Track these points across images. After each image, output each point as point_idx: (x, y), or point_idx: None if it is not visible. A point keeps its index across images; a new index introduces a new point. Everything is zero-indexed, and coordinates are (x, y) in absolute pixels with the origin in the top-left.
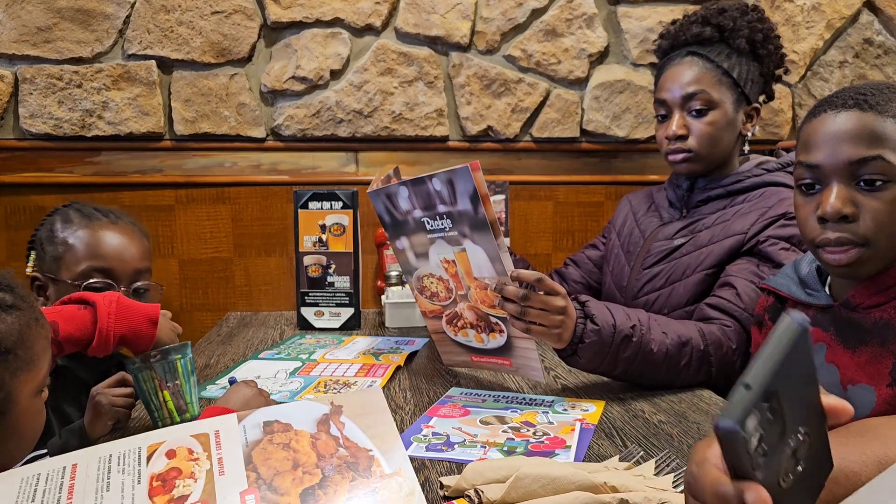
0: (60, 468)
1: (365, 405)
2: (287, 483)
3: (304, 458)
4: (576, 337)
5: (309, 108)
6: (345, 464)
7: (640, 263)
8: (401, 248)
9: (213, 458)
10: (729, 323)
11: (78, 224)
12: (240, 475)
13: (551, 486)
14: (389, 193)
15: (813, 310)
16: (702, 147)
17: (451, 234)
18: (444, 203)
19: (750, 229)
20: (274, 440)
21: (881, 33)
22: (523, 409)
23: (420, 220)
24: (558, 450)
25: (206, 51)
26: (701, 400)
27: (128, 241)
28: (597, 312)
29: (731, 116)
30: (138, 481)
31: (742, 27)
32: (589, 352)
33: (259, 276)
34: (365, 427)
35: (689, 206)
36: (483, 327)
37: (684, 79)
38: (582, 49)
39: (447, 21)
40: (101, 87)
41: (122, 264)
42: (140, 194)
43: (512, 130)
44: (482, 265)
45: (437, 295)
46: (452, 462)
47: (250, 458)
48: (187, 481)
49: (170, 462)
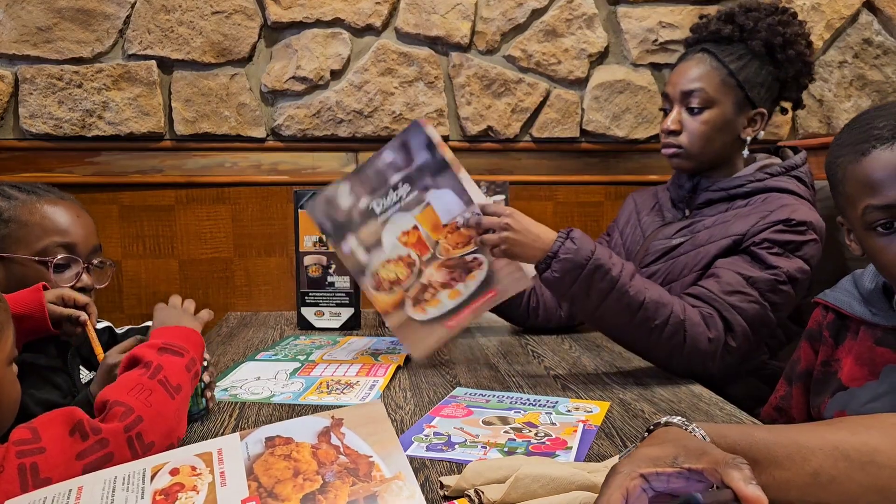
0: (66, 491)
1: (365, 417)
2: (288, 489)
3: (305, 466)
4: (551, 251)
5: (309, 108)
6: (345, 470)
7: (639, 262)
8: (348, 252)
9: (215, 471)
10: (709, 311)
11: (24, 200)
12: (241, 485)
13: (551, 486)
14: (328, 197)
15: (881, 329)
16: (692, 145)
17: (410, 198)
18: (399, 169)
19: (748, 231)
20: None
21: (880, 33)
22: (527, 409)
23: (368, 209)
24: (559, 451)
25: (206, 51)
26: (700, 400)
27: (84, 216)
28: (578, 237)
29: (728, 118)
30: (142, 496)
31: (761, 29)
32: (561, 267)
33: (259, 276)
34: (365, 436)
35: (691, 206)
36: (459, 276)
37: (688, 75)
38: (582, 49)
39: (447, 21)
40: (102, 87)
41: (85, 239)
42: (140, 194)
43: (512, 130)
44: (451, 205)
45: (398, 280)
46: (452, 462)
47: (252, 470)
48: (189, 493)
49: (173, 478)
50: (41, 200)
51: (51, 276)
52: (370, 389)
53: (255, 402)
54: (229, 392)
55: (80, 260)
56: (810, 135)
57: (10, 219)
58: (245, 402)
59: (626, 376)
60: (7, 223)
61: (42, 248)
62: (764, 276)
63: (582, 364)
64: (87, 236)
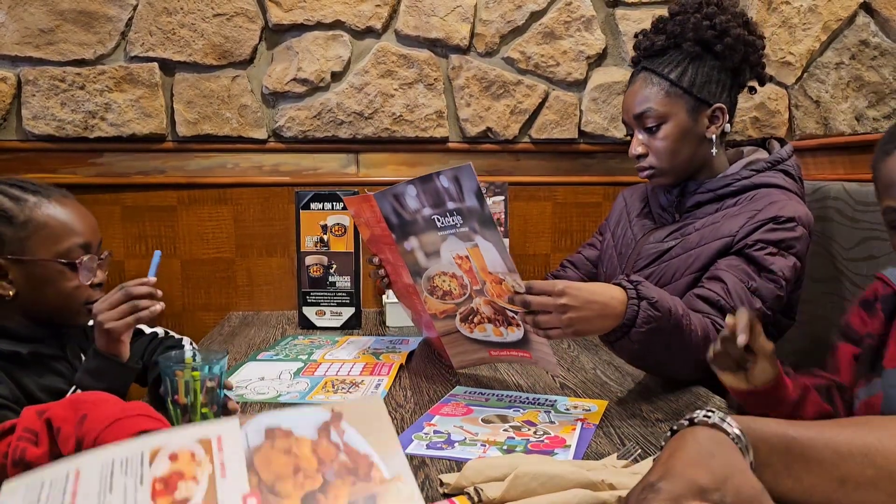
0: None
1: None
2: (288, 487)
3: (306, 462)
4: (627, 320)
5: (310, 109)
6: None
7: (631, 266)
8: (409, 249)
9: (215, 461)
10: (718, 318)
11: (36, 203)
12: (241, 478)
13: (550, 484)
14: (396, 193)
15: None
16: (661, 162)
17: (463, 230)
18: (453, 200)
19: (738, 232)
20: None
21: (877, 35)
22: (526, 408)
23: (430, 218)
24: (558, 449)
25: (207, 53)
26: (698, 398)
27: (88, 212)
28: (655, 296)
29: (686, 126)
30: (140, 483)
31: (689, 30)
32: (641, 338)
33: (261, 276)
34: (365, 433)
35: (680, 210)
36: (501, 321)
37: (635, 99)
38: (580, 51)
39: (447, 24)
40: (104, 88)
41: (95, 236)
42: (142, 195)
43: (511, 132)
44: (494, 260)
45: (451, 293)
46: (452, 460)
47: (252, 463)
48: (189, 484)
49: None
50: (51, 200)
51: (77, 276)
52: (375, 388)
53: (262, 402)
54: (235, 392)
55: (96, 257)
56: (807, 136)
57: (26, 221)
58: (252, 402)
59: (624, 375)
60: (24, 226)
61: (65, 250)
62: (765, 285)
63: (581, 363)
64: (95, 232)
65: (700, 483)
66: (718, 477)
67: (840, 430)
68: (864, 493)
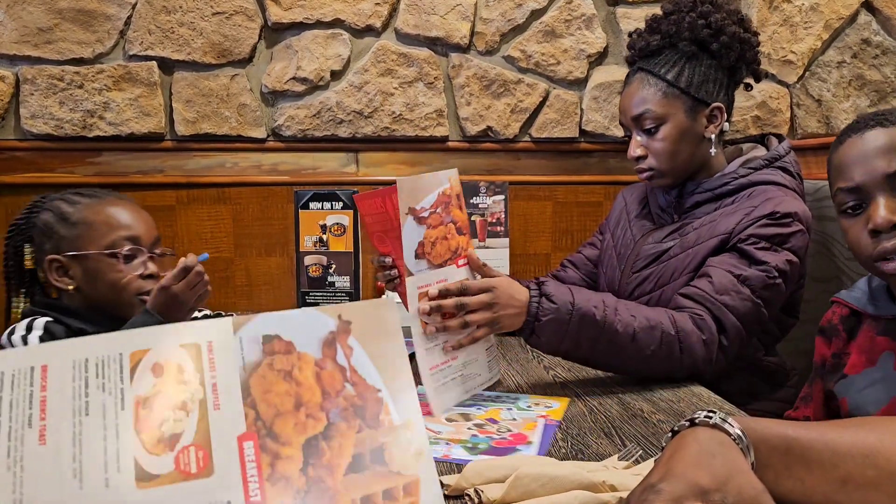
0: (27, 368)
1: (376, 324)
2: (289, 429)
3: (308, 394)
4: (531, 316)
5: (309, 108)
6: (352, 407)
7: (630, 267)
8: None
9: (206, 382)
10: (700, 312)
11: (88, 203)
12: (237, 412)
13: (551, 486)
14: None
15: (883, 321)
16: (661, 163)
17: None
18: None
19: (734, 229)
20: (274, 365)
21: (879, 33)
22: (488, 405)
23: None
24: (520, 445)
25: (207, 51)
26: (700, 399)
27: (143, 212)
28: (554, 291)
29: (685, 126)
30: (122, 406)
31: (684, 29)
32: (546, 330)
33: (260, 275)
34: (375, 356)
35: (679, 211)
36: None
37: (633, 100)
38: (581, 50)
39: (447, 22)
40: (103, 87)
41: (146, 231)
42: (141, 195)
43: (511, 131)
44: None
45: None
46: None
47: (248, 390)
48: (178, 414)
49: (156, 382)
50: (103, 202)
51: (121, 266)
52: None
53: None
54: None
55: (145, 250)
56: (809, 135)
57: (78, 221)
58: None
59: (624, 375)
60: (76, 225)
61: (110, 242)
62: (755, 273)
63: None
64: (148, 229)
65: (701, 484)
66: (720, 478)
67: (841, 430)
68: (865, 493)
